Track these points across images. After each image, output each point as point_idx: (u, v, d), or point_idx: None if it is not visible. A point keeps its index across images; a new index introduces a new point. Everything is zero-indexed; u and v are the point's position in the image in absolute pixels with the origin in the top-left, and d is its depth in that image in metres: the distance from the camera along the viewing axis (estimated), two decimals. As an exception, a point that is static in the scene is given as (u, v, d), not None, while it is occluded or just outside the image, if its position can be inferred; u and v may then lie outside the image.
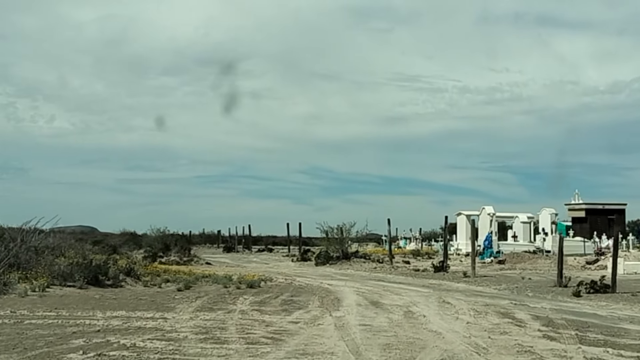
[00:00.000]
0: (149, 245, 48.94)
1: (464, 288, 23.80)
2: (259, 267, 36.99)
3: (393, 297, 19.80)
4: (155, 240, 48.75)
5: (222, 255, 54.29)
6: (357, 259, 38.10)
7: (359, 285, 24.04)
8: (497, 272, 31.81)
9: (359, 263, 37.02)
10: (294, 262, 40.74)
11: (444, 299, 19.32)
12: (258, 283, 22.03)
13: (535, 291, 22.27)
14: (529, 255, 37.01)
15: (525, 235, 44.83)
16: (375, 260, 37.61)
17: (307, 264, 38.83)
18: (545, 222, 44.14)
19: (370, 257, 38.52)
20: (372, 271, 32.80)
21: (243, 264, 39.54)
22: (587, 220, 52.59)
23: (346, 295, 20.09)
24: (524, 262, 35.19)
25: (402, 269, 34.07)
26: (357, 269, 34.48)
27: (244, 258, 48.48)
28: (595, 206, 54.51)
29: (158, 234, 49.89)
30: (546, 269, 33.23)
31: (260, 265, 38.25)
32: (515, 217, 46.22)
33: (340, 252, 38.24)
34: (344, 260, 37.77)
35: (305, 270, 33.63)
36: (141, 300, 17.68)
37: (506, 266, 34.29)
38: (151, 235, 50.45)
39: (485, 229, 41.58)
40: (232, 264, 39.15)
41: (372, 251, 48.09)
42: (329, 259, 37.66)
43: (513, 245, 40.86)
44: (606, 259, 32.19)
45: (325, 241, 39.67)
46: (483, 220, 42.99)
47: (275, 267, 36.40)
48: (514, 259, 35.89)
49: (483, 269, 33.61)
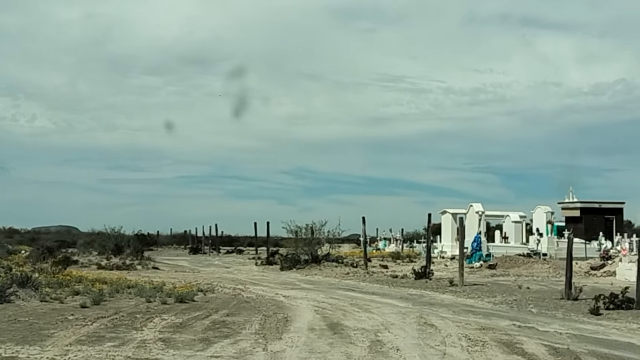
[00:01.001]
0: (102, 246, 44.53)
1: (450, 301, 19.33)
2: (215, 272, 32.44)
3: (360, 316, 15.30)
4: (109, 241, 44.05)
5: (185, 257, 49.83)
6: (328, 262, 33.60)
7: (323, 297, 19.57)
8: (488, 279, 27.39)
9: (330, 268, 32.50)
10: (258, 266, 36.17)
11: (425, 319, 14.87)
12: (192, 296, 17.46)
13: (539, 306, 17.81)
14: (523, 259, 32.65)
15: (516, 236, 40.46)
16: (349, 265, 33.11)
17: (272, 268, 34.26)
18: (539, 221, 39.75)
19: (343, 261, 34.02)
20: (344, 277, 28.27)
21: (200, 268, 34.98)
22: (582, 220, 48.37)
23: (301, 313, 15.58)
24: (518, 267, 30.82)
25: (379, 274, 29.57)
26: (327, 274, 29.96)
27: (206, 261, 43.89)
28: (591, 205, 50.28)
29: (113, 234, 45.10)
30: (544, 275, 28.87)
31: (218, 270, 33.66)
32: (505, 216, 41.86)
33: (310, 255, 33.70)
34: (314, 264, 33.26)
35: (266, 277, 29.07)
36: (15, 324, 13.05)
37: (498, 272, 29.91)
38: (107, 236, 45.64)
39: (473, 229, 37.20)
40: (187, 269, 34.59)
41: (348, 253, 43.69)
42: (296, 262, 33.12)
43: (504, 248, 36.49)
44: (614, 263, 27.85)
45: (293, 243, 35.13)
46: (471, 219, 38.62)
47: (234, 272, 31.83)
48: (506, 263, 31.53)
49: (472, 275, 29.17)
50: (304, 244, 33.89)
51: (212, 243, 57.77)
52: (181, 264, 39.20)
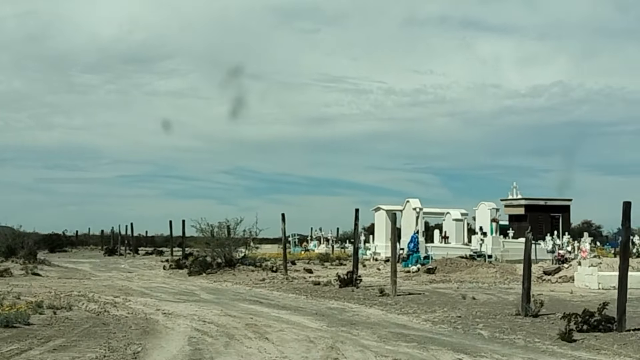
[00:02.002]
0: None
1: (378, 318, 15.17)
2: (111, 277, 27.82)
3: (249, 347, 11.01)
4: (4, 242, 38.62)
5: (95, 259, 44.78)
6: (244, 266, 29.19)
7: (216, 314, 15.28)
8: (426, 285, 23.37)
9: (245, 272, 28.11)
10: (165, 270, 31.52)
11: (340, 350, 10.64)
12: (26, 317, 12.82)
13: (491, 326, 13.75)
14: (466, 261, 28.72)
15: (458, 236, 36.62)
16: (269, 269, 28.77)
17: (181, 273, 29.67)
18: (483, 219, 35.92)
19: (262, 264, 29.64)
20: (257, 285, 23.92)
21: (98, 274, 30.31)
22: (527, 218, 45.07)
23: (166, 343, 11.22)
24: (460, 271, 26.89)
25: (299, 281, 25.29)
26: (239, 281, 25.56)
27: (113, 264, 38.96)
28: (536, 202, 47.08)
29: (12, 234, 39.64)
30: (490, 280, 24.99)
31: (116, 276, 28.97)
32: (445, 213, 38.01)
33: (223, 258, 29.24)
34: (228, 268, 28.83)
35: (166, 284, 24.56)
36: None
37: (437, 277, 25.92)
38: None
39: (410, 229, 33.23)
40: (83, 274, 29.90)
41: (274, 255, 39.43)
42: (207, 266, 28.61)
43: (445, 249, 32.55)
44: (571, 267, 24.11)
45: (203, 244, 30.62)
46: (407, 217, 34.65)
47: (132, 279, 27.21)
48: (446, 266, 27.58)
49: (407, 281, 25.14)
50: (216, 245, 29.38)
51: (128, 244, 52.71)
52: (82, 268, 34.40)
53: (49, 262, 34.29)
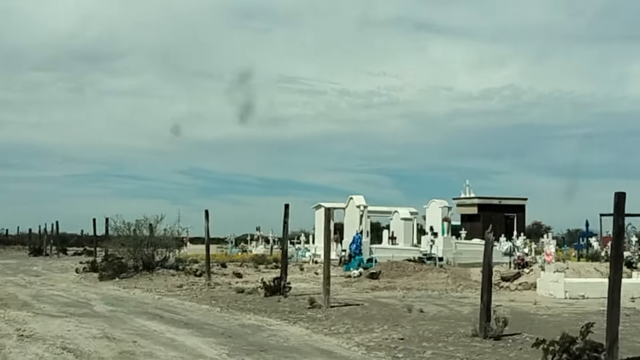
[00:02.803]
0: None
1: (299, 341, 11.92)
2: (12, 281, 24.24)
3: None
4: None
5: (14, 260, 40.90)
6: (165, 270, 25.70)
7: (93, 336, 12.00)
8: (367, 294, 20.24)
9: (164, 277, 24.62)
10: (78, 274, 27.78)
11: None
12: None
13: (442, 354, 10.61)
14: (414, 265, 25.57)
15: (407, 236, 33.52)
16: (192, 273, 25.30)
17: (95, 276, 25.97)
18: (434, 218, 32.83)
19: (185, 268, 26.18)
20: (171, 292, 20.50)
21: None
22: (480, 217, 42.36)
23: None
24: (408, 276, 23.77)
25: (222, 287, 21.92)
26: (153, 287, 22.11)
27: (26, 265, 35.08)
28: (490, 201, 44.42)
29: None
30: (441, 287, 21.94)
31: (17, 280, 25.30)
32: (393, 212, 34.90)
33: (140, 261, 25.70)
34: (146, 271, 25.32)
35: (65, 291, 21.02)
36: None
37: (381, 283, 22.78)
38: None
39: (354, 228, 30.04)
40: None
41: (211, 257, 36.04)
42: (122, 270, 25.04)
43: (391, 251, 29.40)
44: (532, 272, 21.15)
45: (118, 244, 27.01)
46: (351, 215, 31.47)
47: (34, 284, 23.56)
48: (392, 270, 24.45)
49: (347, 287, 22.01)
50: (131, 245, 25.83)
51: (53, 243, 48.77)
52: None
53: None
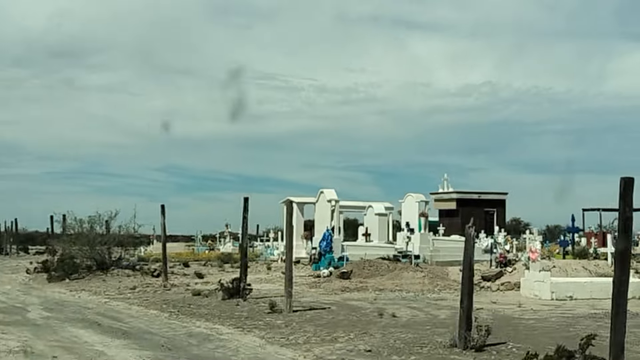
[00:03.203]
0: None
1: (250, 354, 10.21)
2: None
3: None
4: None
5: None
6: (120, 269, 23.88)
7: (9, 350, 10.07)
8: (336, 295, 18.55)
9: (118, 277, 22.84)
10: (29, 274, 25.81)
11: None
12: None
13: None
14: (388, 263, 23.88)
15: (381, 233, 31.81)
16: (149, 273, 23.50)
17: (45, 277, 24.04)
18: (410, 213, 31.10)
19: (143, 268, 24.37)
20: (120, 295, 18.69)
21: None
22: (459, 213, 40.81)
23: None
24: (381, 276, 22.14)
25: (180, 289, 20.11)
26: (104, 289, 20.27)
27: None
28: (469, 196, 42.86)
29: None
30: (417, 287, 20.31)
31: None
32: (367, 207, 33.19)
33: (93, 260, 23.85)
34: (100, 272, 23.48)
35: (5, 295, 19.09)
36: None
37: (352, 283, 21.11)
38: None
39: (325, 225, 28.30)
40: None
41: (175, 255, 34.26)
42: (73, 270, 23.15)
43: (364, 248, 27.69)
44: (515, 272, 19.56)
45: (69, 243, 25.09)
46: (321, 210, 29.69)
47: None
48: (364, 269, 22.80)
49: (315, 288, 20.32)
50: (83, 244, 23.96)
51: (13, 242, 46.60)
52: None
53: None
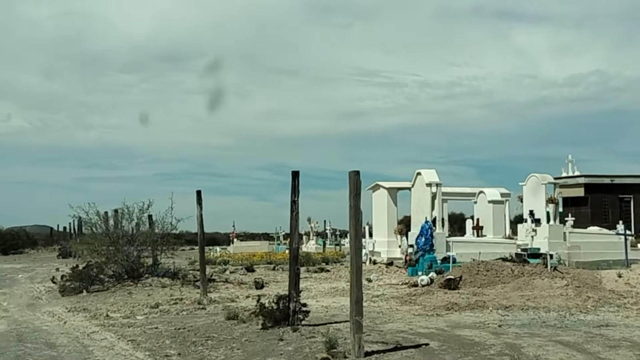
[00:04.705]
0: None
1: None
2: None
3: None
4: None
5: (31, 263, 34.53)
6: (156, 278, 18.48)
7: None
8: (437, 318, 12.39)
9: (152, 288, 17.44)
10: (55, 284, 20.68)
11: None
12: None
13: None
14: (512, 266, 17.29)
15: (497, 225, 25.19)
16: (192, 283, 17.99)
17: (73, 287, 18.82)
18: (534, 200, 24.12)
19: (186, 276, 18.91)
20: (123, 320, 13.15)
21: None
22: (588, 201, 33.74)
23: None
24: (503, 284, 15.77)
25: (219, 306, 14.43)
26: (123, 304, 14.90)
27: (27, 271, 28.45)
28: (600, 180, 35.62)
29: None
30: (559, 303, 13.82)
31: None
32: (478, 193, 26.64)
33: (121, 266, 18.54)
34: (131, 280, 18.18)
35: None
36: None
37: (463, 295, 14.84)
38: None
39: (423, 215, 22.02)
40: None
41: (253, 256, 29.08)
42: (93, 278, 17.91)
43: (476, 246, 21.26)
44: None
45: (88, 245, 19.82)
46: (418, 197, 23.37)
47: None
48: (479, 275, 16.50)
49: (408, 305, 14.23)
50: (105, 244, 18.67)
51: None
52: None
53: None
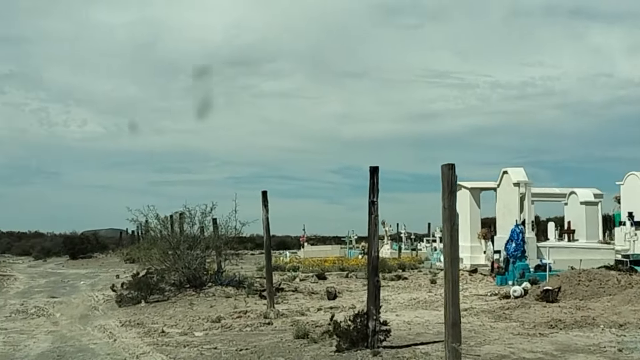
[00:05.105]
0: None
1: None
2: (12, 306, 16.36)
3: None
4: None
5: (97, 269, 33.76)
6: (220, 286, 17.11)
7: None
8: (541, 338, 10.54)
9: (215, 298, 16.07)
10: (115, 292, 19.50)
11: None
12: None
13: None
14: (617, 275, 15.27)
15: (590, 229, 23.01)
16: (258, 292, 16.53)
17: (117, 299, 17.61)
18: (634, 200, 21.92)
19: (252, 285, 17.49)
20: (178, 336, 11.71)
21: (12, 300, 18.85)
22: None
23: None
24: (609, 296, 13.82)
25: (287, 320, 12.90)
26: (182, 317, 13.53)
27: (89, 277, 27.56)
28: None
29: None
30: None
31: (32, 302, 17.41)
32: (568, 194, 24.48)
33: (182, 274, 17.21)
34: (193, 289, 16.85)
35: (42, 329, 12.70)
36: None
37: (565, 310, 12.95)
38: None
39: (510, 218, 20.08)
40: None
41: (323, 261, 27.67)
42: (152, 289, 16.62)
43: (569, 251, 19.24)
44: None
45: (146, 251, 18.53)
46: (505, 198, 21.43)
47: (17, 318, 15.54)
48: (580, 285, 14.58)
49: (501, 321, 12.39)
50: (164, 250, 17.35)
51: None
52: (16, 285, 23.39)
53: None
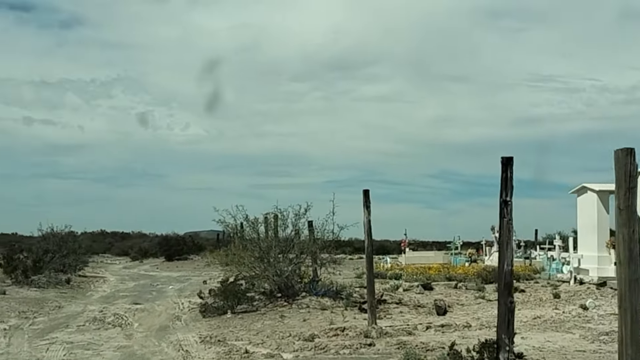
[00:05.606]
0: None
1: None
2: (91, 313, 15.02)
3: None
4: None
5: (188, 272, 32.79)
6: (315, 297, 15.31)
7: None
8: None
9: (309, 310, 14.24)
10: (202, 299, 17.88)
11: None
12: None
13: None
14: None
15: None
16: (357, 304, 14.59)
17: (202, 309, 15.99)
18: None
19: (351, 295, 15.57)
20: (264, 357, 9.84)
21: (91, 306, 17.76)
22: None
23: None
24: None
25: (391, 340, 10.88)
26: (271, 332, 11.75)
27: (177, 282, 26.32)
28: None
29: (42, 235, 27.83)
30: None
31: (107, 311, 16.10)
32: None
33: (274, 282, 15.47)
34: (285, 299, 15.10)
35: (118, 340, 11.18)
36: None
37: None
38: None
39: None
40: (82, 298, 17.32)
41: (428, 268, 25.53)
42: (240, 299, 14.95)
43: None
44: None
45: (231, 256, 16.72)
46: None
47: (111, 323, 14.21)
48: None
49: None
50: (253, 257, 15.60)
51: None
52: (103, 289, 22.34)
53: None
